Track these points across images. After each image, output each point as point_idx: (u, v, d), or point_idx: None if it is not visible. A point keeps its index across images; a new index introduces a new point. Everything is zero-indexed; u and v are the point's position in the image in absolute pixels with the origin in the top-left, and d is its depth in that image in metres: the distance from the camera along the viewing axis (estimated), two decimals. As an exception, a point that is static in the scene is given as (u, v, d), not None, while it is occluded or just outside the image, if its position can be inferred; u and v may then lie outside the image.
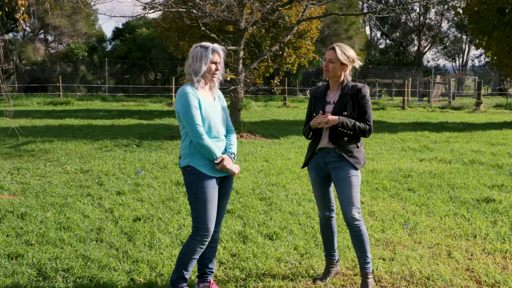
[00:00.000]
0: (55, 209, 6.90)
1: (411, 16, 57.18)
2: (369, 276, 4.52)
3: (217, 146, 4.19)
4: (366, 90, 4.56)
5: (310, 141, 4.75)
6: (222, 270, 4.97)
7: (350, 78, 4.62)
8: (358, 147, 4.56)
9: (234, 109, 15.35)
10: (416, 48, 57.98)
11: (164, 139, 13.98)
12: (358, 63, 4.59)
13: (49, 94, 34.06)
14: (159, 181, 8.65)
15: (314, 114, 4.57)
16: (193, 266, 4.26)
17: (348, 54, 4.49)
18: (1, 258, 5.13)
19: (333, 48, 4.50)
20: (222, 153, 4.22)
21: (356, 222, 4.44)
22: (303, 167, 4.84)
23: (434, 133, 15.81)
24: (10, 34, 41.25)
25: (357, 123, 4.46)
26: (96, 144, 12.92)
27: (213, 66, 4.18)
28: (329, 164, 4.55)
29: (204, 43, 4.25)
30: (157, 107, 28.10)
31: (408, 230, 6.21)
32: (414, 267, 5.01)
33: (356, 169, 4.48)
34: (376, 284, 4.68)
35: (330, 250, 4.81)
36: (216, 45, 4.23)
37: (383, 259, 5.26)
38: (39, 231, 5.94)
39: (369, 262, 4.53)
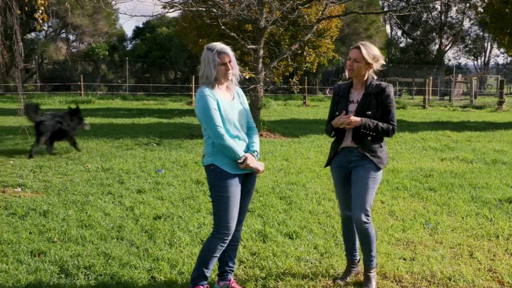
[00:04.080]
0: (77, 207, 6.97)
1: (432, 14, 56.67)
2: (372, 271, 4.57)
3: (238, 145, 4.18)
4: (390, 90, 4.51)
5: (332, 139, 4.74)
6: (242, 268, 4.98)
7: (375, 77, 4.59)
8: (381, 146, 4.53)
9: (253, 108, 15.32)
10: (437, 46, 57.45)
11: (184, 138, 14.03)
12: (382, 62, 4.54)
13: (70, 93, 34.37)
14: (179, 180, 8.68)
15: (337, 113, 4.55)
16: (214, 264, 4.27)
17: (374, 54, 4.44)
18: (24, 255, 5.19)
19: (358, 47, 4.44)
20: (245, 151, 4.22)
21: (364, 225, 4.45)
22: (326, 166, 4.82)
23: (455, 133, 15.66)
24: (33, 34, 41.74)
25: (380, 123, 4.42)
26: (116, 142, 13.01)
27: (223, 68, 4.15)
28: (351, 163, 4.53)
29: (211, 45, 4.20)
30: (177, 105, 28.21)
31: (429, 230, 6.17)
32: (435, 267, 4.97)
33: (379, 169, 4.46)
34: (397, 284, 4.65)
35: (351, 250, 4.80)
36: (222, 46, 4.16)
37: (404, 259, 5.22)
38: (61, 228, 6.00)
39: (372, 260, 4.58)
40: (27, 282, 4.58)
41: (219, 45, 4.17)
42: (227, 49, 4.18)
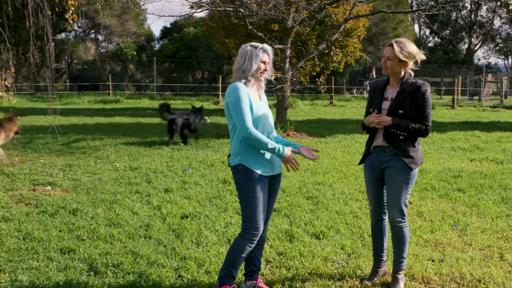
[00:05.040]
0: (105, 205, 7.05)
1: (462, 13, 55.89)
2: (400, 272, 4.56)
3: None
4: (426, 88, 4.39)
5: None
6: (269, 268, 4.99)
7: (412, 74, 4.51)
8: (414, 146, 4.44)
9: (280, 108, 15.34)
10: (466, 46, 56.66)
11: (211, 138, 14.08)
12: (420, 58, 4.43)
13: (99, 92, 34.76)
14: (206, 179, 8.72)
15: (371, 110, 4.51)
16: (241, 264, 4.28)
17: (408, 51, 4.35)
18: (54, 253, 5.27)
19: (391, 45, 4.38)
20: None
21: (399, 224, 4.44)
22: (359, 164, 4.79)
23: (485, 133, 15.43)
24: (63, 34, 42.34)
25: (412, 123, 4.34)
26: (144, 141, 13.12)
27: (262, 65, 4.19)
28: (384, 163, 4.49)
29: (254, 43, 4.27)
30: (204, 105, 28.25)
31: (458, 231, 6.09)
32: (465, 269, 4.91)
33: (411, 169, 4.40)
34: (425, 286, 4.61)
35: (379, 251, 4.77)
36: (266, 45, 4.24)
37: (432, 261, 5.17)
38: (90, 227, 6.08)
39: (402, 262, 4.57)
40: (57, 279, 4.65)
41: (265, 45, 4.27)
42: (270, 50, 4.26)
